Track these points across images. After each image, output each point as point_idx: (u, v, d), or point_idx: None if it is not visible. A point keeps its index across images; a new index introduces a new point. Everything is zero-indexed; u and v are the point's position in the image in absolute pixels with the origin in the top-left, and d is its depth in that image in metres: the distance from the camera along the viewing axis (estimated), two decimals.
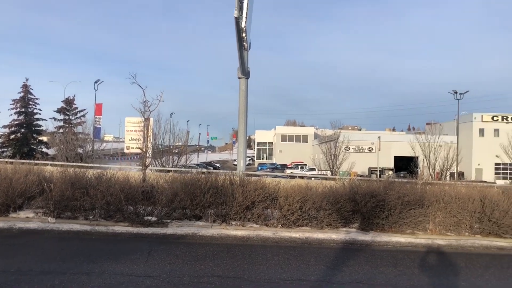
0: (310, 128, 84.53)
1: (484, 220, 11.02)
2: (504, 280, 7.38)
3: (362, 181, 13.14)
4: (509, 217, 10.92)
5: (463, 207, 11.08)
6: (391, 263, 8.08)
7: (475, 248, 9.97)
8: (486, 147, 53.21)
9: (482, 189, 12.55)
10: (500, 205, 11.17)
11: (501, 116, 56.14)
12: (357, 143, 55.39)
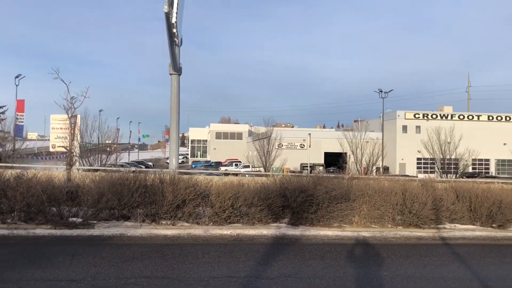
0: (245, 126, 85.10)
1: (405, 212, 11.66)
2: (421, 268, 7.84)
3: (292, 177, 13.43)
4: (427, 208, 11.63)
5: (386, 200, 11.66)
6: (319, 256, 8.33)
7: (397, 239, 10.53)
8: (409, 143, 56.35)
9: (403, 183, 13.26)
10: (419, 197, 11.86)
11: (422, 114, 59.69)
12: (290, 140, 56.59)
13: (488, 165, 59.14)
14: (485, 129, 59.00)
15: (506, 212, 12.07)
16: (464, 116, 60.52)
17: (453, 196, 12.56)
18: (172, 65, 18.34)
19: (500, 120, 60.70)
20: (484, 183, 17.04)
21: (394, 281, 6.86)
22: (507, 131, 59.14)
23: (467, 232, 11.43)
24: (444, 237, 10.91)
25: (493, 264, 8.50)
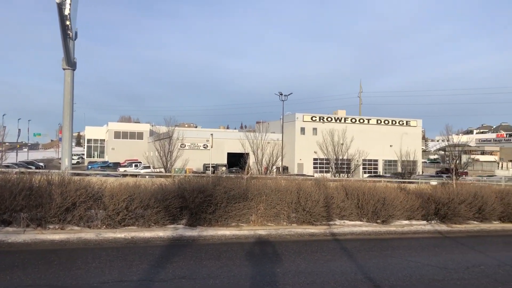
0: (146, 125, 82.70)
1: (299, 210, 12.15)
2: (312, 263, 8.22)
3: (192, 177, 13.33)
4: (319, 206, 12.25)
5: (282, 198, 12.06)
6: (215, 256, 8.35)
7: (291, 236, 10.93)
8: (306, 144, 58.96)
9: (299, 182, 13.83)
10: (313, 195, 12.45)
11: (318, 117, 62.78)
12: (193, 140, 56.19)
13: (376, 165, 63.92)
14: (374, 132, 63.74)
15: (389, 208, 13.11)
16: (355, 120, 64.78)
17: (343, 194, 13.36)
18: (66, 59, 17.28)
19: (387, 124, 65.96)
20: (371, 182, 18.37)
21: (286, 277, 7.10)
22: (394, 134, 64.49)
23: (355, 228, 12.23)
24: (334, 233, 11.55)
25: (376, 257, 9.17)
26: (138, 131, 78.83)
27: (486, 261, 9.08)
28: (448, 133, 52.82)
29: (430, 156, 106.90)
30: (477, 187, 15.70)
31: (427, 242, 11.22)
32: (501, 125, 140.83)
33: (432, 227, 13.21)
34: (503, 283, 7.32)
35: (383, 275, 7.53)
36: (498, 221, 14.53)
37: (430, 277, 7.53)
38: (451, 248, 10.48)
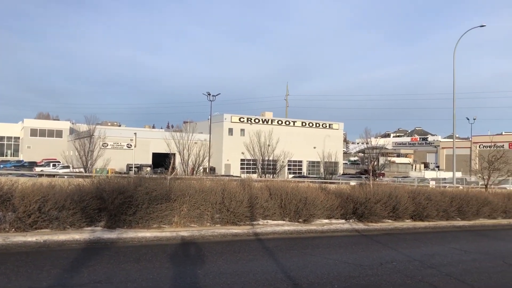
0: (66, 123, 78.50)
1: (223, 210, 12.13)
2: (234, 264, 8.22)
3: (111, 178, 12.84)
4: (243, 206, 12.31)
5: (206, 199, 11.96)
6: (134, 259, 8.09)
7: (214, 237, 10.87)
8: (234, 145, 59.19)
9: (224, 183, 13.81)
10: (237, 196, 12.48)
11: (246, 118, 63.31)
12: (116, 140, 54.23)
13: (301, 166, 65.71)
14: (300, 133, 65.48)
15: (310, 208, 13.49)
16: (282, 122, 66.14)
17: (267, 194, 13.53)
18: None
19: (312, 126, 68.04)
20: (294, 182, 18.80)
21: (206, 278, 7.04)
22: (317, 136, 66.67)
23: (277, 227, 12.43)
24: (257, 233, 11.67)
25: (296, 256, 9.38)
26: (57, 129, 74.64)
27: (398, 257, 9.61)
28: (367, 136, 55.58)
29: (350, 157, 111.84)
30: (392, 188, 16.62)
31: (345, 240, 11.68)
32: (415, 129, 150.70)
33: (350, 225, 13.77)
34: (411, 277, 7.78)
35: (303, 273, 7.71)
36: (410, 219, 15.47)
37: (347, 274, 7.82)
38: (367, 246, 10.98)
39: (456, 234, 14.02)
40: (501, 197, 18.50)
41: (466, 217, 16.53)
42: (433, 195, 16.45)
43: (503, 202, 18.02)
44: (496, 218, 17.33)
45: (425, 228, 14.57)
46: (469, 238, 13.25)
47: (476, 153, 43.60)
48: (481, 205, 17.09)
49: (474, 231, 14.66)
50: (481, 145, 71.62)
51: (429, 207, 15.67)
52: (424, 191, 17.30)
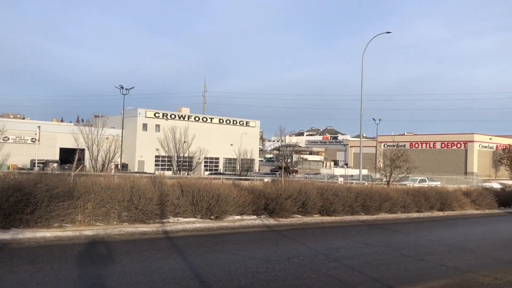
0: None
1: (131, 208, 11.70)
2: (140, 263, 7.93)
3: (7, 174, 11.84)
4: (153, 204, 11.97)
5: (113, 196, 11.45)
6: (30, 261, 7.50)
7: (121, 236, 10.44)
8: (149, 140, 57.63)
9: (134, 179, 13.32)
10: (146, 193, 12.10)
11: (162, 113, 61.96)
12: (19, 133, 50.34)
13: (218, 163, 65.73)
14: (217, 130, 65.48)
15: (223, 204, 13.47)
16: (199, 118, 65.68)
17: (178, 191, 13.28)
18: None
19: (229, 123, 68.36)
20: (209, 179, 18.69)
21: (109, 279, 6.71)
22: (234, 133, 67.13)
23: (188, 225, 12.25)
24: (167, 231, 11.40)
25: (206, 253, 9.29)
26: None
27: (305, 251, 9.90)
28: (282, 134, 57.01)
29: (266, 155, 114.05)
30: (302, 184, 17.13)
31: (256, 236, 11.81)
32: (326, 128, 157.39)
33: (261, 221, 13.97)
34: (316, 271, 8.04)
35: (211, 271, 7.64)
36: (318, 214, 16.05)
37: (255, 270, 7.88)
38: (276, 241, 11.19)
39: (360, 228, 14.78)
40: (401, 193, 19.84)
41: (370, 212, 17.51)
42: (340, 191, 17.21)
43: (402, 197, 19.34)
44: (396, 213, 18.56)
45: (332, 223, 15.20)
46: (371, 232, 14.03)
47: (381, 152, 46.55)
48: (383, 200, 18.20)
49: (376, 225, 15.57)
50: (385, 144, 76.57)
51: (336, 203, 16.37)
52: (332, 187, 18.04)
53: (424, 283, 7.67)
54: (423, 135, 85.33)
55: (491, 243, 12.70)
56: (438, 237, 13.47)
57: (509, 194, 26.06)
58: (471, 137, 75.44)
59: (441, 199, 20.78)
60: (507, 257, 10.60)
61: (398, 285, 7.36)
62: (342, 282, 7.44)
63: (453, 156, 76.98)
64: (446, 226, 16.63)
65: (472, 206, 22.21)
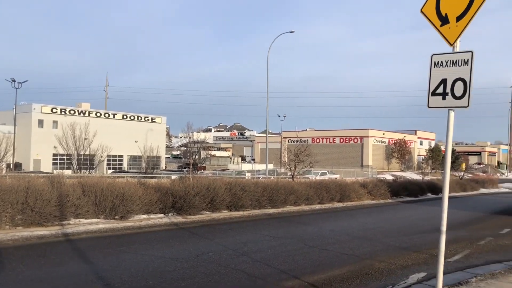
0: None
1: (27, 211, 10.84)
2: (37, 269, 7.39)
3: None
4: (51, 205, 11.20)
5: (4, 199, 10.52)
6: None
7: (15, 241, 9.63)
8: (45, 138, 53.86)
9: (29, 180, 12.38)
10: (44, 194, 11.29)
11: (60, 109, 58.23)
12: None
13: (121, 161, 63.34)
14: (120, 127, 63.04)
15: (128, 203, 13.01)
16: (101, 114, 62.77)
17: (80, 191, 12.58)
18: None
19: (134, 120, 66.21)
20: (113, 178, 17.97)
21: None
22: (139, 129, 65.09)
23: (91, 226, 11.65)
24: (68, 233, 10.75)
25: (111, 254, 8.91)
26: None
27: (214, 247, 9.91)
28: (189, 130, 56.53)
29: (173, 152, 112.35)
30: (211, 180, 17.13)
31: (163, 235, 11.58)
32: (234, 125, 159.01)
33: (169, 219, 13.73)
34: (225, 266, 8.08)
35: (116, 273, 7.35)
36: (226, 210, 16.16)
37: (162, 269, 7.72)
38: (184, 239, 11.06)
39: (267, 221, 15.15)
40: (304, 186, 20.66)
41: (276, 205, 18.01)
42: (247, 186, 17.48)
43: (306, 190, 20.15)
44: (300, 205, 19.30)
45: (240, 218, 15.39)
46: (278, 225, 14.45)
47: (285, 147, 48.11)
48: (288, 193, 18.82)
49: (282, 218, 16.06)
50: (289, 140, 79.32)
51: (244, 198, 16.60)
52: (240, 182, 18.26)
53: (328, 271, 8.06)
54: (324, 131, 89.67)
55: (384, 231, 13.72)
56: (339, 227, 14.25)
57: (400, 185, 28.32)
58: (367, 133, 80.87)
59: (340, 191, 21.98)
60: (399, 243, 11.52)
61: (303, 275, 7.66)
62: (250, 275, 7.56)
63: (351, 150, 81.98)
64: (345, 216, 17.66)
65: (368, 196, 23.77)
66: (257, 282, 7.23)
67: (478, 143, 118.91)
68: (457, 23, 5.27)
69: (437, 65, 5.45)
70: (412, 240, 11.92)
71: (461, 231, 13.79)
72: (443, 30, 5.41)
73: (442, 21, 5.42)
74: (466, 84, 5.18)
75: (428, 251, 10.13)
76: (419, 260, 9.31)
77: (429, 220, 16.20)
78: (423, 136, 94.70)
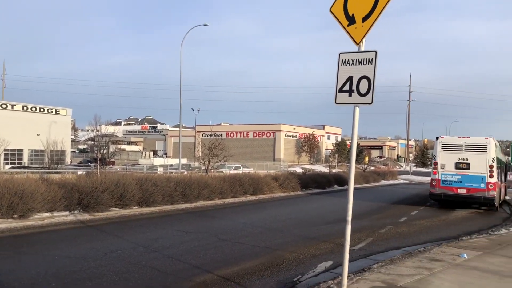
0: None
1: None
2: None
3: None
4: None
5: None
6: None
7: None
8: None
9: None
10: None
11: None
12: None
13: (21, 155, 58.74)
14: (20, 119, 58.32)
15: (28, 201, 12.09)
16: None
17: None
18: None
19: (35, 111, 61.60)
20: (11, 174, 16.62)
21: None
22: (42, 122, 60.71)
23: None
24: None
25: (8, 257, 8.25)
26: None
27: (123, 245, 9.55)
28: (96, 123, 53.97)
29: (80, 146, 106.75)
30: (120, 175, 16.49)
31: (69, 233, 10.94)
32: (145, 118, 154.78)
33: (75, 217, 13.00)
34: (135, 264, 7.84)
35: (14, 276, 6.81)
36: (137, 206, 15.65)
37: (67, 269, 7.30)
38: (91, 237, 10.55)
39: (180, 216, 14.94)
40: (218, 180, 20.69)
41: (189, 200, 17.82)
42: (159, 181, 17.09)
43: (220, 184, 20.18)
44: (214, 199, 19.29)
45: (151, 214, 15.01)
46: (190, 220, 14.32)
47: (199, 141, 47.86)
48: (201, 188, 18.71)
49: (196, 212, 15.94)
50: (203, 133, 78.90)
51: (155, 193, 16.21)
52: (151, 177, 17.80)
53: (240, 264, 8.14)
54: (238, 125, 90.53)
55: (295, 222, 14.18)
56: (252, 219, 14.47)
57: (309, 177, 29.43)
58: (279, 127, 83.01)
59: (253, 184, 22.32)
60: (308, 233, 11.98)
61: (216, 269, 7.66)
62: (162, 272, 7.40)
63: (264, 144, 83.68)
64: (258, 209, 17.98)
65: (280, 189, 24.41)
66: (169, 278, 7.10)
67: (380, 138, 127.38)
68: (363, 23, 5.55)
69: (344, 63, 5.70)
70: (320, 231, 12.46)
71: (364, 221, 14.67)
72: (350, 29, 5.67)
73: (349, 21, 5.67)
74: (370, 82, 5.47)
75: (335, 240, 10.65)
76: (326, 250, 9.75)
77: (335, 211, 17.04)
78: (331, 131, 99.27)
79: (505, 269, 7.97)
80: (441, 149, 19.63)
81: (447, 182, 19.15)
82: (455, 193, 18.98)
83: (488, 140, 18.98)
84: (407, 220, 15.32)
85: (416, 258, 8.61)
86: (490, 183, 18.42)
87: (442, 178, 19.25)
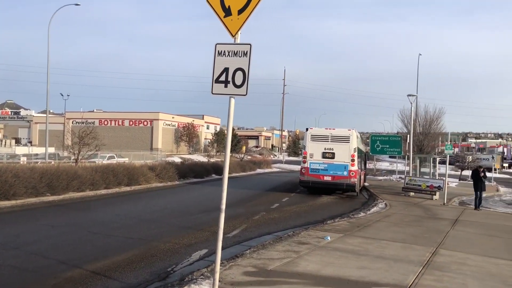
0: None
1: None
2: None
3: None
4: None
5: None
6: None
7: None
8: None
9: None
10: None
11: None
12: None
13: None
14: None
15: None
16: None
17: None
18: None
19: None
20: None
21: None
22: None
23: None
24: None
25: None
26: None
27: None
28: None
29: None
30: None
31: None
32: (6, 102, 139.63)
33: None
34: None
35: None
36: None
37: None
38: None
39: (46, 209, 13.86)
40: (89, 171, 19.54)
41: (56, 192, 16.58)
42: (21, 172, 15.62)
43: (91, 175, 19.09)
44: (85, 191, 18.21)
45: (12, 208, 13.66)
46: (58, 213, 13.37)
47: (69, 129, 44.70)
48: (71, 179, 17.52)
49: (64, 205, 14.90)
50: (74, 121, 73.77)
51: (17, 185, 14.76)
52: (12, 168, 16.20)
53: (113, 257, 7.84)
54: (112, 113, 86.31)
55: (171, 212, 14.07)
56: (126, 211, 14.00)
57: (187, 167, 29.32)
58: (157, 116, 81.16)
59: (128, 175, 21.54)
60: (184, 223, 11.98)
61: (85, 263, 7.28)
62: (23, 270, 6.82)
63: (141, 133, 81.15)
64: (133, 200, 17.44)
65: (157, 179, 23.91)
66: (30, 276, 6.57)
67: (256, 128, 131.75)
68: (238, 16, 5.66)
69: (220, 54, 5.76)
70: (196, 220, 12.54)
71: (240, 208, 15.12)
72: (226, 21, 5.74)
73: (226, 12, 5.74)
74: (245, 74, 5.62)
75: (210, 228, 10.80)
76: (202, 238, 9.85)
77: (213, 200, 17.26)
78: (210, 120, 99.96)
79: (361, 248, 8.87)
80: (310, 140, 21.00)
81: (315, 170, 20.58)
82: (322, 180, 20.50)
83: (351, 132, 20.81)
84: (279, 207, 16.15)
85: (285, 242, 9.14)
86: (352, 171, 20.25)
87: (311, 167, 20.63)
